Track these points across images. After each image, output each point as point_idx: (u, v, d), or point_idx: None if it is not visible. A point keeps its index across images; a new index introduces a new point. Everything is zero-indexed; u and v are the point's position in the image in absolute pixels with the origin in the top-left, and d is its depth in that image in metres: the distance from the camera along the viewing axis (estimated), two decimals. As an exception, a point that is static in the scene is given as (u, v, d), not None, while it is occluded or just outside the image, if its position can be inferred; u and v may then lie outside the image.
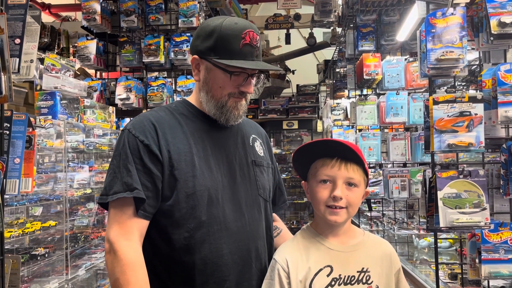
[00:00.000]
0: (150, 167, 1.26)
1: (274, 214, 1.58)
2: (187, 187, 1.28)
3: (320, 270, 1.29)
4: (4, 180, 1.35)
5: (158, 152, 1.27)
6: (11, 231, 2.24)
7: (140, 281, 1.20)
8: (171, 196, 1.28)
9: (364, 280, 1.29)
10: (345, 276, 1.28)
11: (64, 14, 7.01)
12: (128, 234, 1.23)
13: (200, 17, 3.99)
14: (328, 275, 1.28)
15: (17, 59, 1.39)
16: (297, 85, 8.09)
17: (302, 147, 1.37)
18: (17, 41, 1.40)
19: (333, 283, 1.27)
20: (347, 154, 1.31)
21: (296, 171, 1.43)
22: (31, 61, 1.45)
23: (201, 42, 1.34)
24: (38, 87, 2.69)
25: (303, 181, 1.42)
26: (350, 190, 1.30)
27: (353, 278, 1.29)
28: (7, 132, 1.39)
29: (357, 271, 1.30)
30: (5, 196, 1.48)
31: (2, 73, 1.24)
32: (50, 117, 2.59)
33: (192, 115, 1.38)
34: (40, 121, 2.35)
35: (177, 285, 1.28)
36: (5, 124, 1.38)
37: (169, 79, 4.12)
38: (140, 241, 1.26)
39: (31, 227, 2.42)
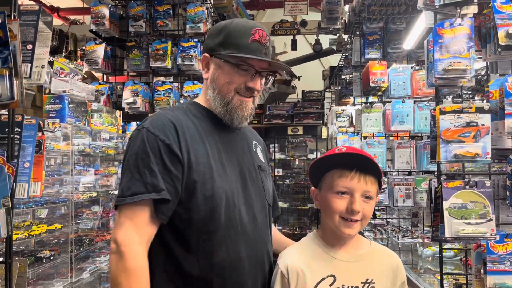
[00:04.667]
0: (170, 168, 1.22)
1: None
2: (206, 189, 1.25)
3: (323, 279, 1.28)
4: (14, 184, 1.37)
5: (179, 152, 1.24)
6: (18, 234, 2.26)
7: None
8: (190, 199, 1.25)
9: None
10: (348, 286, 1.27)
11: (72, 17, 7.08)
12: (139, 239, 1.20)
13: (207, 23, 4.02)
14: (330, 285, 1.27)
15: (29, 65, 1.41)
16: (303, 91, 8.10)
17: (325, 157, 1.34)
18: (29, 46, 1.42)
19: None
20: (366, 166, 1.29)
21: (311, 179, 1.41)
22: (43, 66, 1.47)
23: (212, 40, 1.36)
24: (47, 91, 2.71)
25: (312, 188, 1.40)
26: (366, 203, 1.28)
27: None
28: (18, 137, 1.41)
29: (361, 282, 1.29)
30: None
31: (14, 79, 1.26)
32: (58, 120, 2.61)
33: (204, 117, 1.37)
34: (48, 124, 2.37)
35: None
36: (16, 129, 1.40)
37: (176, 84, 4.14)
38: (147, 247, 1.23)
39: (37, 230, 2.44)
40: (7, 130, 1.37)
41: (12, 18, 1.33)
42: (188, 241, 1.26)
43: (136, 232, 1.20)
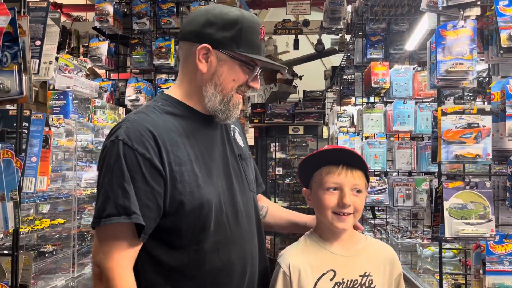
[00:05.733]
0: (152, 185, 1.13)
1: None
2: (193, 199, 1.18)
3: (323, 274, 1.31)
4: (22, 178, 1.39)
5: (160, 166, 1.14)
6: (21, 228, 2.27)
7: None
8: (177, 211, 1.18)
9: (367, 284, 1.32)
10: (348, 280, 1.31)
11: (75, 14, 7.09)
12: (123, 259, 1.13)
13: (210, 22, 4.02)
14: (331, 279, 1.31)
15: (37, 61, 1.43)
16: (304, 91, 8.11)
17: (311, 156, 1.38)
18: (38, 43, 1.44)
19: (336, 287, 1.30)
20: (352, 160, 1.34)
21: (301, 180, 1.45)
22: (50, 62, 1.49)
23: (218, 31, 1.22)
24: (51, 87, 2.73)
25: (304, 189, 1.44)
26: (356, 196, 1.33)
27: (356, 282, 1.31)
28: (26, 131, 1.44)
29: (360, 275, 1.32)
30: (18, 193, 1.50)
31: (23, 74, 1.28)
32: (62, 116, 2.63)
33: (182, 114, 1.27)
34: (52, 120, 2.39)
35: None
36: (24, 124, 1.43)
37: (178, 82, 4.15)
38: (132, 265, 1.17)
39: (40, 224, 2.46)
40: (15, 124, 1.40)
41: (22, 14, 1.35)
42: (179, 253, 1.20)
43: (120, 254, 1.13)
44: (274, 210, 1.56)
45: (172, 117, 1.24)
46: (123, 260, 1.13)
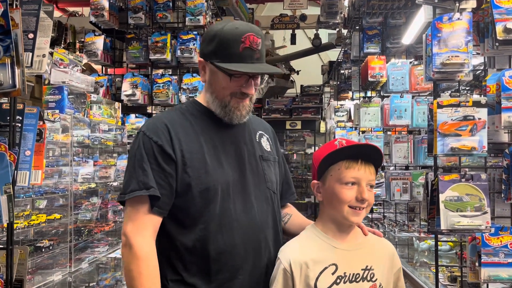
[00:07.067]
0: (164, 167, 1.34)
1: (288, 203, 1.67)
2: (201, 183, 1.35)
3: (325, 268, 1.32)
4: (15, 171, 1.39)
5: (171, 151, 1.35)
6: (17, 223, 2.27)
7: (151, 272, 1.31)
8: (186, 192, 1.36)
9: (368, 278, 1.32)
10: (350, 274, 1.32)
11: (71, 9, 7.05)
12: (143, 230, 1.32)
13: (207, 16, 4.02)
14: (333, 273, 1.31)
15: (30, 54, 1.42)
16: (301, 86, 8.10)
17: (333, 153, 1.35)
18: (31, 35, 1.43)
19: (338, 281, 1.30)
20: (368, 156, 1.34)
21: (317, 172, 1.42)
22: (43, 55, 1.48)
23: (205, 46, 1.42)
24: (46, 81, 2.72)
25: (314, 181, 1.42)
26: (370, 191, 1.34)
27: (357, 275, 1.32)
28: (19, 125, 1.43)
29: (362, 269, 1.33)
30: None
31: (16, 67, 1.27)
32: (57, 111, 2.62)
33: (201, 114, 1.46)
34: (48, 115, 2.38)
35: (193, 274, 1.36)
36: (17, 117, 1.42)
37: (175, 77, 4.14)
38: (153, 236, 1.35)
39: (37, 219, 2.45)
40: (8, 118, 1.39)
41: (14, 7, 1.34)
42: (188, 230, 1.37)
43: (140, 225, 1.33)
44: (297, 219, 1.62)
45: (192, 116, 1.45)
46: (144, 230, 1.32)
